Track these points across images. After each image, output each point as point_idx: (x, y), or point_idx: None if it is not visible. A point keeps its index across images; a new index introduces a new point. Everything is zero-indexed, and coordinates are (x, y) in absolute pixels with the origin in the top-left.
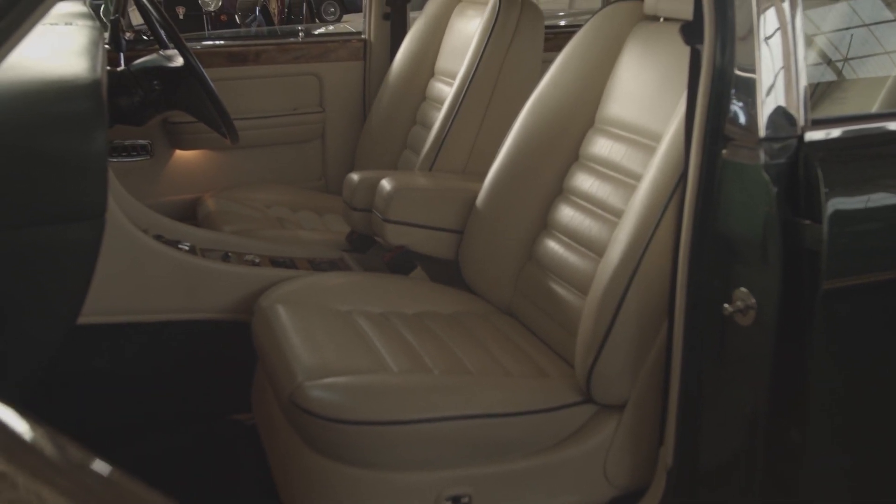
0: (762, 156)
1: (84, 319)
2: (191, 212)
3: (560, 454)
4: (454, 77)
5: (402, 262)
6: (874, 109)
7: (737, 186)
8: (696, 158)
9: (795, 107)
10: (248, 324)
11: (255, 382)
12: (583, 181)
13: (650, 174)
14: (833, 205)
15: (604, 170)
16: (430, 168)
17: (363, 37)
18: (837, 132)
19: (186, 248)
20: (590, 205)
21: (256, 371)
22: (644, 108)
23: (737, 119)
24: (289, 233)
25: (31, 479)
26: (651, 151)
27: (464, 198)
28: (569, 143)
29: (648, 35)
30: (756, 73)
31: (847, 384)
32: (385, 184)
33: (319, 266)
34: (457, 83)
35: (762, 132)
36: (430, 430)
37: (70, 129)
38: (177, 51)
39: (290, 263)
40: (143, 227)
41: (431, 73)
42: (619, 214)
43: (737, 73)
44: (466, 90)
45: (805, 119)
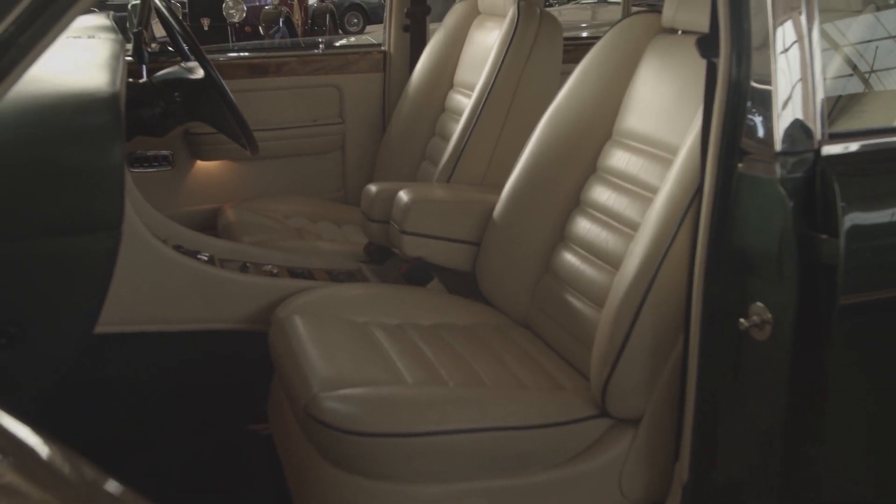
0: (778, 169)
1: (103, 328)
2: (211, 222)
3: (575, 468)
4: (473, 89)
5: (419, 274)
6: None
7: (753, 200)
8: (712, 172)
9: (812, 120)
10: (266, 334)
11: (272, 393)
12: (600, 193)
13: (666, 187)
14: (850, 219)
15: (621, 182)
16: (448, 179)
17: (383, 49)
18: (855, 146)
19: (205, 259)
20: (607, 217)
21: (273, 381)
22: (661, 121)
23: (753, 132)
24: (307, 244)
25: (44, 494)
26: (668, 164)
27: (481, 210)
28: (586, 156)
29: (666, 47)
30: (772, 87)
31: (864, 400)
32: (402, 195)
33: (337, 277)
34: (475, 95)
35: (778, 146)
36: (445, 443)
37: (87, 143)
38: (198, 63)
39: (308, 274)
40: (163, 238)
41: (450, 85)
42: (636, 227)
43: (753, 87)
44: (485, 102)
45: (822, 133)
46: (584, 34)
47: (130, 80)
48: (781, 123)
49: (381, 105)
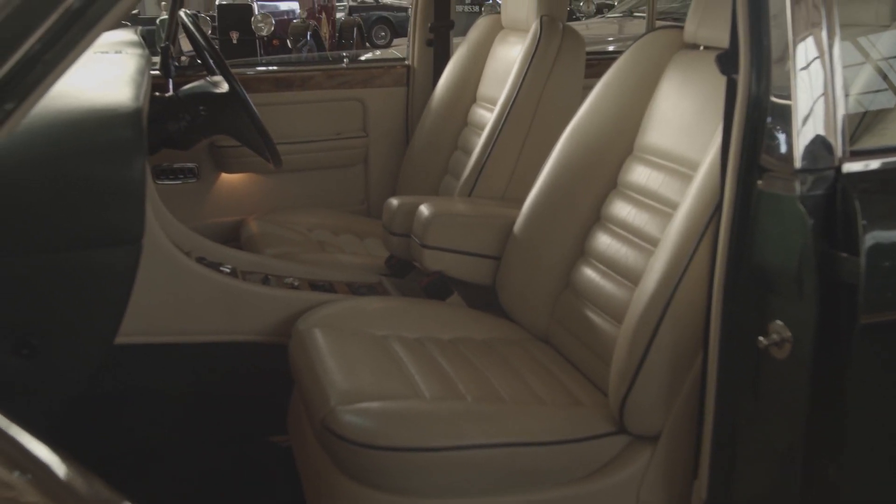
0: (798, 187)
1: (125, 339)
2: (235, 234)
3: (592, 485)
4: (495, 103)
5: (439, 288)
6: None
7: (772, 217)
8: (731, 189)
9: (833, 137)
10: (287, 346)
11: (292, 405)
12: (620, 209)
13: (686, 203)
14: (871, 237)
15: (641, 198)
16: (470, 193)
17: (407, 63)
18: (877, 164)
19: (227, 271)
20: (627, 233)
21: (293, 394)
22: (682, 137)
23: (772, 149)
24: (329, 256)
25: None
26: (689, 180)
27: (501, 224)
28: (607, 171)
29: (688, 63)
30: (792, 103)
31: (885, 421)
32: (423, 209)
33: (358, 290)
34: (497, 109)
35: (798, 163)
36: (462, 458)
37: (109, 157)
38: (223, 77)
39: (329, 287)
40: (186, 250)
41: (473, 99)
42: (656, 243)
43: (773, 103)
44: (506, 116)
45: (843, 150)
46: (611, 48)
47: (157, 94)
48: (801, 140)
49: (405, 119)
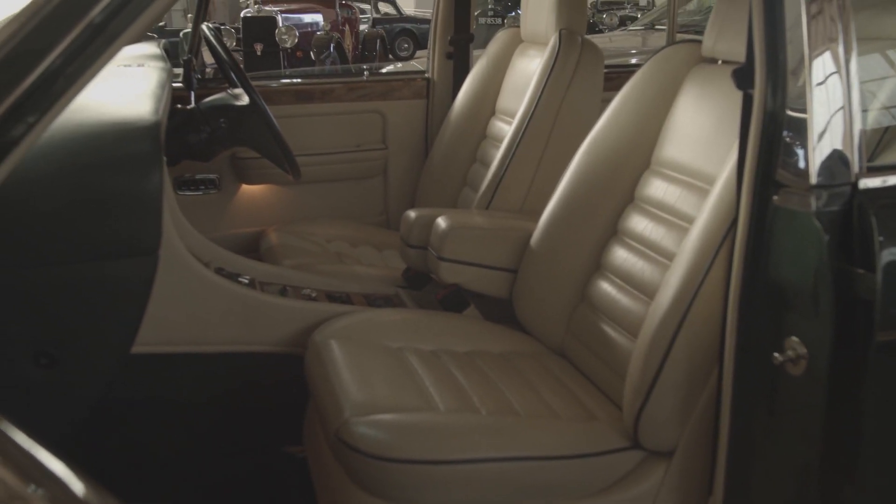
0: (814, 202)
1: (142, 349)
2: (255, 244)
3: (606, 500)
4: (514, 116)
5: (456, 300)
6: None
7: (788, 233)
8: (747, 204)
9: (850, 153)
10: (303, 357)
11: (308, 416)
12: (637, 223)
13: (702, 218)
14: (888, 254)
15: (658, 212)
16: (488, 206)
17: (427, 75)
18: (894, 179)
19: (246, 282)
20: (643, 247)
21: (309, 405)
22: (699, 151)
23: (788, 165)
24: (346, 268)
25: None
26: (705, 194)
27: (518, 237)
28: (624, 185)
29: (706, 77)
30: (808, 118)
31: None
32: (440, 222)
33: (375, 302)
34: (515, 122)
35: (814, 179)
36: (475, 471)
37: (127, 170)
38: (243, 90)
39: (346, 299)
40: (206, 261)
41: (492, 112)
42: (672, 257)
43: (788, 118)
44: (525, 129)
45: (860, 166)
46: (634, 60)
47: (178, 106)
48: (817, 156)
49: (424, 131)
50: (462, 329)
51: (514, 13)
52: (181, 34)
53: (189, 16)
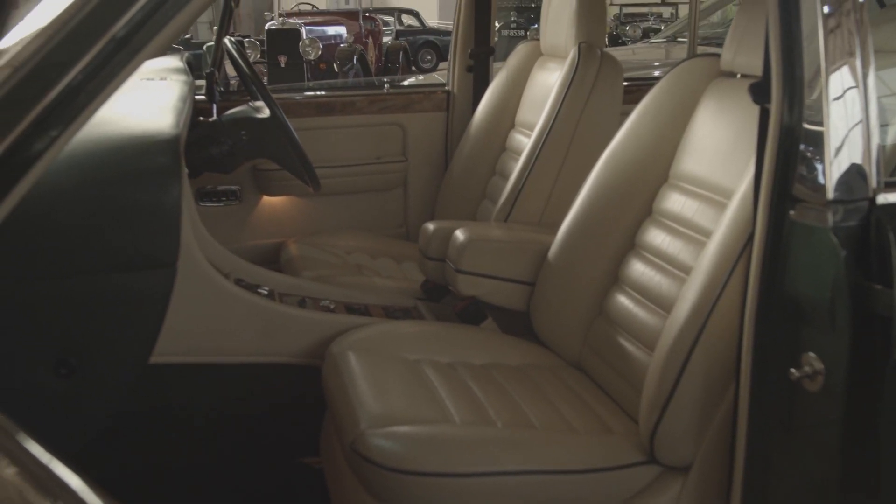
0: (831, 217)
1: (160, 359)
2: (275, 256)
3: None
4: (534, 129)
5: (473, 313)
6: None
7: (805, 248)
8: (764, 219)
9: (868, 168)
10: (321, 369)
11: (324, 427)
12: (655, 236)
13: (719, 232)
14: None
15: (676, 226)
16: (506, 219)
17: (447, 88)
18: None
19: (265, 293)
20: (661, 261)
21: (326, 416)
22: (717, 165)
23: (805, 180)
24: (366, 280)
25: None
26: (723, 208)
27: (536, 250)
28: (642, 198)
29: (725, 91)
30: (825, 133)
31: None
32: (458, 234)
33: (393, 314)
34: (534, 135)
35: (831, 194)
36: (490, 485)
37: (146, 183)
38: (264, 103)
39: (365, 310)
40: (226, 272)
41: (512, 125)
42: (690, 271)
43: (805, 133)
44: (544, 142)
45: (878, 181)
46: (657, 73)
47: (201, 119)
48: (834, 170)
49: (444, 144)
50: (479, 341)
51: (537, 25)
52: (204, 47)
53: (214, 28)
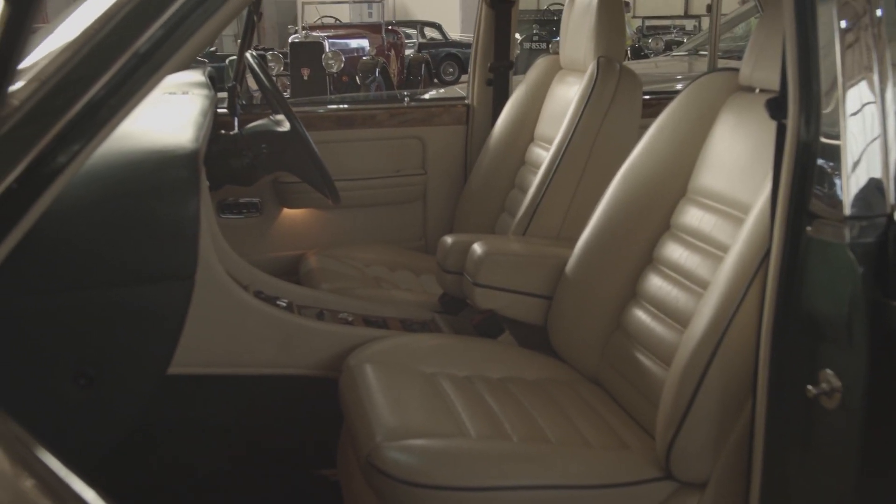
0: (848, 234)
1: (179, 370)
2: (295, 268)
3: None
4: (553, 142)
5: (491, 326)
6: None
7: (821, 265)
8: (780, 234)
9: (886, 183)
10: (338, 381)
11: (341, 439)
12: (672, 251)
13: (736, 247)
14: None
15: (693, 240)
16: (525, 232)
17: (466, 102)
18: None
19: (283, 305)
20: (678, 275)
21: (343, 428)
22: (735, 179)
23: (822, 195)
24: (384, 292)
25: None
26: (740, 223)
27: (554, 263)
28: (660, 212)
29: (743, 105)
30: (842, 148)
31: None
32: (476, 248)
33: (411, 327)
34: (553, 149)
35: (848, 210)
36: (505, 499)
37: (166, 197)
38: (285, 116)
39: (383, 323)
40: (245, 283)
41: (531, 139)
42: (707, 286)
43: (822, 149)
44: (562, 156)
45: None
46: (679, 86)
47: (222, 132)
48: (852, 186)
49: (464, 157)
50: (496, 355)
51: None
52: (227, 61)
53: (239, 41)
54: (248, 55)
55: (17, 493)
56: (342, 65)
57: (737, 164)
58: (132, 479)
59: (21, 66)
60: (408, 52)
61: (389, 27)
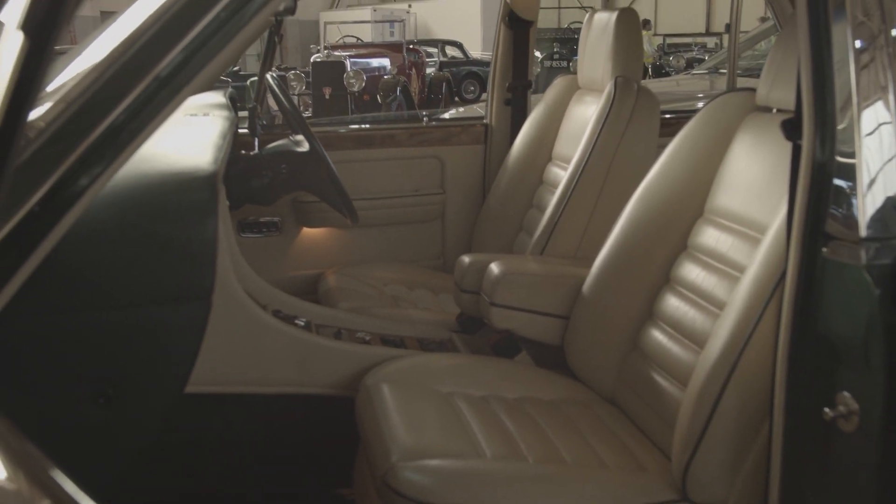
0: (864, 255)
1: (197, 388)
2: (314, 286)
3: None
4: (570, 162)
5: (508, 346)
6: None
7: (837, 286)
8: (796, 256)
9: None
10: (355, 400)
11: (358, 459)
12: (689, 271)
13: (753, 268)
14: None
15: (710, 261)
16: (542, 252)
17: (485, 121)
18: None
19: (302, 324)
20: (695, 296)
21: (360, 447)
22: (752, 200)
23: (838, 217)
24: (401, 311)
25: None
26: (757, 244)
27: (570, 283)
28: (677, 232)
29: (760, 126)
30: (858, 170)
31: None
32: (493, 267)
33: (428, 346)
34: (570, 168)
35: (864, 231)
36: None
37: (184, 218)
38: (304, 137)
39: (400, 342)
40: (264, 303)
41: (549, 158)
42: (724, 307)
43: (838, 170)
44: (580, 175)
45: None
46: (700, 104)
47: (243, 152)
48: (868, 207)
49: (482, 176)
50: (513, 375)
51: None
52: (248, 82)
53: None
54: (269, 76)
55: None
56: (363, 84)
57: (753, 185)
58: (149, 498)
59: (49, 88)
60: (429, 71)
61: (411, 46)
